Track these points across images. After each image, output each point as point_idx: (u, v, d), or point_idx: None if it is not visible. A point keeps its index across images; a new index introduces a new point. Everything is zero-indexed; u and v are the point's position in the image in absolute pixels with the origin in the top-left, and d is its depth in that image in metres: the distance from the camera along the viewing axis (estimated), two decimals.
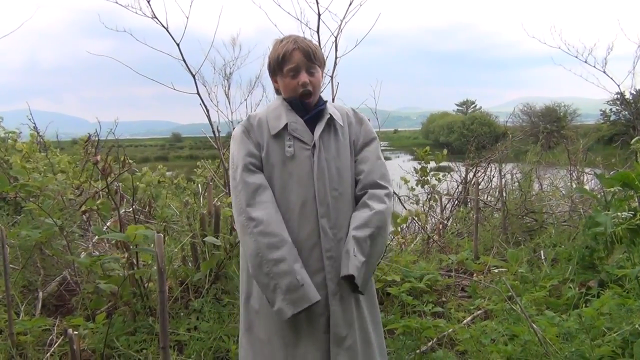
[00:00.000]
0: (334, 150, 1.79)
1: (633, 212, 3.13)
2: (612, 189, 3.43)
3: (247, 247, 1.67)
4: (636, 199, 3.48)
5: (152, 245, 2.61)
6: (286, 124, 1.76)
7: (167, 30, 3.51)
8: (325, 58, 1.89)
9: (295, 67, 1.76)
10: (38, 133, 5.36)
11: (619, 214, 3.09)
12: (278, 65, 1.78)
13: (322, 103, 1.84)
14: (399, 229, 3.71)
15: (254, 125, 1.79)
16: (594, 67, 5.10)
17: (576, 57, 5.17)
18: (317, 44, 1.85)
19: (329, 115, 1.81)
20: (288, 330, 1.70)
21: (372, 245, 1.73)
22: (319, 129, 1.78)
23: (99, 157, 2.97)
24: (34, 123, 5.39)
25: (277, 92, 1.88)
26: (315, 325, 1.71)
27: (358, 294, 1.75)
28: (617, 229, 2.95)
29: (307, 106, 1.81)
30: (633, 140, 4.29)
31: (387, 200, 1.80)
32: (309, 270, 1.68)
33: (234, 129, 1.95)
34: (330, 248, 1.72)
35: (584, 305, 2.74)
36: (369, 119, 1.95)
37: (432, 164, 5.87)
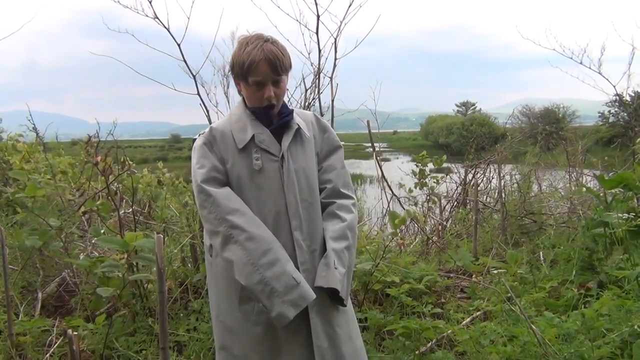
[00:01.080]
0: (302, 160, 1.76)
1: (635, 214, 3.14)
2: (613, 190, 3.43)
3: (234, 256, 1.60)
4: (636, 200, 3.49)
5: (153, 248, 2.61)
6: (253, 136, 1.71)
7: (169, 31, 3.50)
8: (291, 60, 1.76)
9: (261, 81, 1.68)
10: (38, 134, 5.36)
11: (619, 214, 3.10)
12: (242, 73, 1.69)
13: (287, 113, 1.78)
14: (398, 231, 3.70)
15: (216, 137, 1.72)
16: (589, 68, 5.11)
17: (571, 58, 5.19)
18: (285, 46, 1.74)
19: (297, 127, 1.77)
20: (266, 346, 1.67)
21: (350, 256, 1.74)
22: (286, 140, 1.74)
23: (99, 158, 2.97)
24: (34, 124, 5.39)
25: (240, 92, 1.80)
26: (294, 340, 1.68)
27: (340, 305, 1.73)
28: (618, 230, 2.95)
29: (271, 115, 1.75)
30: (638, 140, 4.30)
31: (354, 209, 1.83)
32: None
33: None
34: (304, 261, 1.69)
35: (583, 306, 2.74)
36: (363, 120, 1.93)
37: (431, 166, 5.87)
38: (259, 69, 1.66)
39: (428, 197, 5.76)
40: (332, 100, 4.07)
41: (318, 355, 1.66)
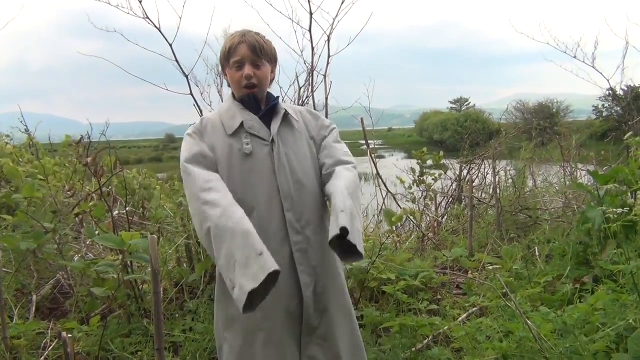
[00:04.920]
0: (292, 143, 1.81)
1: (629, 208, 3.14)
2: (607, 186, 3.43)
3: (208, 233, 1.56)
4: (630, 195, 3.49)
5: (147, 248, 2.60)
6: (242, 122, 1.76)
7: (160, 31, 3.48)
8: (276, 54, 1.90)
9: (240, 60, 1.78)
10: (30, 136, 5.33)
11: (613, 209, 3.09)
12: (225, 58, 1.82)
13: (274, 100, 1.86)
14: (393, 228, 3.71)
15: (206, 127, 1.79)
16: (583, 62, 5.13)
17: (565, 52, 5.20)
18: (269, 39, 1.88)
19: (284, 111, 1.83)
20: (267, 325, 1.70)
21: (355, 200, 1.71)
22: (275, 124, 1.80)
23: (89, 160, 2.95)
24: (26, 126, 5.36)
25: (229, 85, 1.89)
26: (291, 320, 1.73)
27: (357, 257, 1.61)
28: (611, 225, 2.95)
29: (259, 103, 1.83)
30: (626, 136, 4.30)
31: (354, 169, 1.85)
32: (280, 264, 1.59)
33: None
34: (299, 241, 1.72)
35: (578, 301, 2.74)
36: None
37: (429, 163, 5.87)
38: (238, 50, 1.78)
39: (424, 194, 5.77)
40: (326, 98, 4.07)
41: (305, 332, 1.74)
